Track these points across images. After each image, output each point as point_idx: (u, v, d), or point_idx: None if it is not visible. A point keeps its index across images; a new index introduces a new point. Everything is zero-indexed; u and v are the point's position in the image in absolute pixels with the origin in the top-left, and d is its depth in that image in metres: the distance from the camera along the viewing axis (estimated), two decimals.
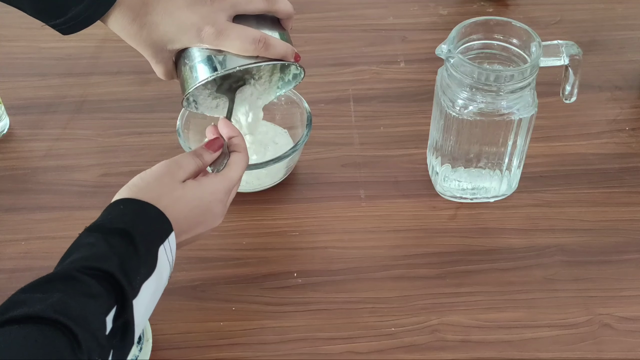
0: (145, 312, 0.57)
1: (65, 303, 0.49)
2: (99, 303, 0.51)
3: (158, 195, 0.60)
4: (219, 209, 0.65)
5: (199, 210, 0.63)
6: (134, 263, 0.55)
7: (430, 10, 1.11)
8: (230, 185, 0.66)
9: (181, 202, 0.61)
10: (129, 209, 0.58)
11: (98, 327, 0.50)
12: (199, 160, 0.65)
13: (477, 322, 0.71)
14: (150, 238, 0.57)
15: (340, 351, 0.69)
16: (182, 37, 0.65)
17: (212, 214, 0.64)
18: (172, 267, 0.60)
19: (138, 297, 0.54)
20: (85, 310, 0.50)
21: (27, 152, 0.90)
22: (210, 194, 0.64)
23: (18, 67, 1.03)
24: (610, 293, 0.73)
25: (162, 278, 0.59)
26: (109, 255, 0.54)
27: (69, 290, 0.51)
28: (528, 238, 0.79)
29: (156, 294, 0.58)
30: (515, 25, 0.74)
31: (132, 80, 0.99)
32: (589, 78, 0.95)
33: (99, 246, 0.54)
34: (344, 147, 0.89)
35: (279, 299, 0.73)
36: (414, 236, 0.79)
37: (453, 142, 0.77)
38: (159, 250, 0.58)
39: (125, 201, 0.59)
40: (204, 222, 0.64)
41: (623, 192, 0.83)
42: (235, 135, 0.69)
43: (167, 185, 0.62)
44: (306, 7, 1.11)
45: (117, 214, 0.58)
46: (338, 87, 0.98)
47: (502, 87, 0.71)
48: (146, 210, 0.59)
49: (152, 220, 0.58)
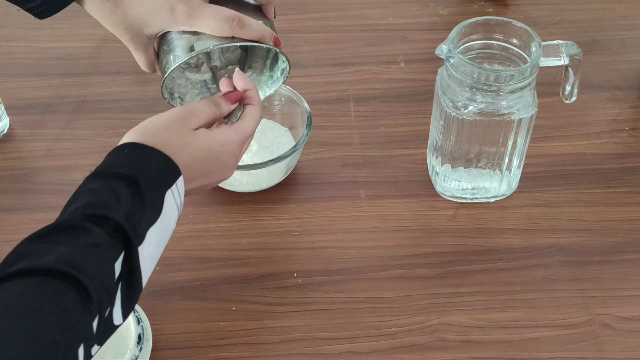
0: (151, 257, 0.55)
1: (72, 254, 0.48)
2: (106, 251, 0.50)
3: (165, 141, 0.59)
4: (231, 160, 0.64)
5: (208, 161, 0.61)
6: (138, 209, 0.54)
7: (430, 10, 1.11)
8: (243, 137, 0.64)
9: (189, 149, 0.60)
10: (134, 154, 0.57)
11: (106, 275, 0.50)
12: (215, 109, 0.64)
13: (477, 322, 0.71)
14: (155, 183, 0.56)
15: (340, 351, 0.69)
16: (155, 17, 0.65)
17: (222, 165, 0.63)
18: (180, 211, 0.59)
19: (143, 244, 0.53)
20: (92, 260, 0.49)
21: (27, 152, 0.90)
22: (221, 145, 0.62)
23: (18, 67, 1.03)
24: (610, 293, 0.73)
25: (170, 223, 0.57)
26: (114, 201, 0.53)
27: (75, 240, 0.50)
28: (528, 238, 0.79)
29: (163, 239, 0.57)
30: (515, 25, 0.74)
31: (132, 80, 0.99)
32: (589, 78, 0.95)
33: (102, 193, 0.53)
34: (344, 147, 0.89)
35: (279, 299, 0.73)
36: (414, 236, 0.79)
37: (453, 142, 0.77)
38: (165, 195, 0.56)
39: (130, 145, 0.57)
40: (213, 173, 0.63)
41: (623, 192, 0.83)
42: (250, 88, 0.67)
43: (177, 132, 0.60)
44: (306, 7, 1.11)
45: (121, 158, 0.57)
46: (338, 87, 0.98)
47: (502, 87, 0.71)
48: (152, 155, 0.57)
49: (158, 165, 0.57)
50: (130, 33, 0.66)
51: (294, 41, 1.04)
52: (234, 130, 0.64)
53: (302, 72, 0.99)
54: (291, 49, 1.03)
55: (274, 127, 0.88)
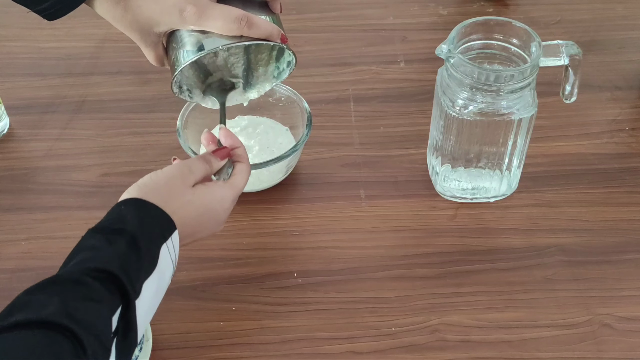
0: (147, 311, 0.57)
1: (70, 307, 0.49)
2: (104, 305, 0.51)
3: (167, 199, 0.61)
4: (224, 216, 0.66)
5: (206, 216, 0.64)
6: (135, 263, 0.55)
7: (430, 10, 1.11)
8: (237, 193, 0.67)
9: (191, 206, 0.62)
10: (132, 210, 0.59)
11: (103, 329, 0.51)
12: (207, 166, 0.66)
13: (477, 322, 0.71)
14: (151, 237, 0.58)
15: (340, 351, 0.69)
16: (165, 19, 0.66)
17: (215, 221, 0.65)
18: (175, 266, 0.61)
19: (140, 298, 0.55)
20: (90, 313, 0.50)
21: (27, 152, 0.90)
22: (219, 201, 0.65)
23: (18, 67, 1.03)
24: (610, 293, 0.73)
25: (164, 277, 0.59)
26: (112, 256, 0.54)
27: (74, 293, 0.51)
28: (528, 238, 0.79)
29: (158, 293, 0.58)
30: (515, 25, 0.74)
31: (132, 80, 0.99)
32: (589, 78, 0.95)
33: (101, 248, 0.55)
34: (344, 147, 0.89)
35: (279, 299, 0.73)
36: (414, 236, 0.79)
37: (453, 142, 0.77)
38: (160, 249, 0.58)
39: (127, 202, 0.59)
40: (207, 228, 0.65)
41: (623, 192, 0.83)
42: (238, 147, 0.70)
43: (177, 189, 0.62)
44: (306, 7, 1.11)
45: (119, 214, 0.58)
46: (338, 87, 0.98)
47: (502, 87, 0.71)
48: (149, 210, 0.59)
49: (154, 220, 0.59)
50: (140, 33, 0.67)
51: (294, 41, 1.03)
52: (229, 186, 0.67)
53: (302, 72, 0.99)
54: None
55: (275, 126, 0.88)
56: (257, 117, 0.89)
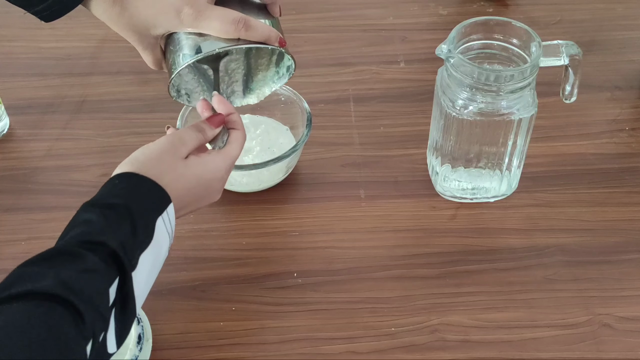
0: (145, 283, 0.57)
1: (67, 278, 0.49)
2: (101, 276, 0.52)
3: (160, 172, 0.60)
4: (219, 185, 0.66)
5: (200, 188, 0.64)
6: (131, 236, 0.55)
7: (430, 10, 1.11)
8: (231, 162, 0.67)
9: (183, 179, 0.62)
10: (126, 183, 0.59)
11: (101, 300, 0.51)
12: (201, 135, 0.66)
13: (477, 322, 0.71)
14: (146, 210, 0.58)
15: (340, 351, 0.69)
16: (162, 20, 0.65)
17: (211, 190, 0.66)
18: (172, 239, 0.61)
19: (137, 269, 0.55)
20: (87, 284, 0.50)
21: (27, 152, 0.90)
22: (212, 172, 0.65)
23: (18, 67, 1.02)
24: (610, 293, 0.73)
25: (161, 249, 0.59)
26: (107, 229, 0.54)
27: (71, 265, 0.51)
28: (528, 238, 0.79)
29: (155, 266, 0.58)
30: (515, 25, 0.74)
31: (132, 80, 0.99)
32: (589, 78, 0.95)
33: (96, 221, 0.55)
34: (344, 147, 0.89)
35: (279, 299, 0.73)
36: (414, 236, 0.79)
37: (453, 142, 0.77)
38: (156, 222, 0.58)
39: (121, 176, 0.59)
40: (203, 198, 0.65)
41: (623, 192, 0.83)
42: (232, 113, 0.69)
43: (170, 162, 0.62)
44: (306, 7, 1.11)
45: (113, 188, 0.58)
46: (338, 87, 0.98)
47: (502, 87, 0.71)
48: (142, 183, 0.59)
49: (148, 193, 0.59)
50: (137, 34, 0.67)
51: (294, 41, 1.04)
52: (222, 156, 0.66)
53: (302, 72, 0.99)
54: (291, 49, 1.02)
55: (276, 126, 0.88)
56: (258, 116, 0.89)
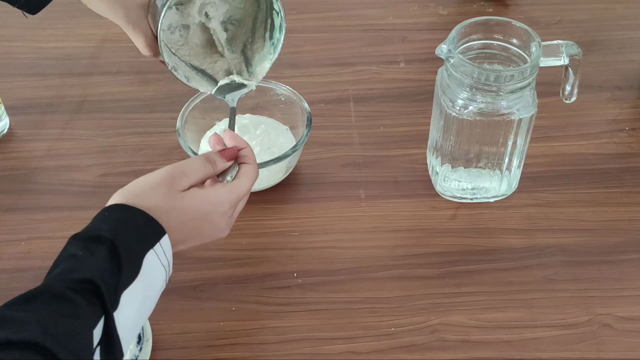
0: (133, 321, 0.54)
1: (49, 326, 0.47)
2: (84, 319, 0.49)
3: (152, 205, 0.57)
4: (222, 222, 0.62)
5: (198, 221, 0.60)
6: (114, 273, 0.52)
7: (430, 10, 1.11)
8: (237, 197, 0.62)
9: (176, 211, 0.58)
10: (114, 216, 0.55)
11: (84, 346, 0.49)
12: (209, 166, 0.62)
13: (477, 322, 0.71)
14: (133, 244, 0.54)
15: (340, 351, 0.69)
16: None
17: (213, 227, 0.61)
18: (169, 271, 0.58)
19: (119, 309, 0.52)
20: (70, 331, 0.48)
21: (27, 152, 0.90)
22: (212, 205, 0.60)
23: (18, 67, 1.03)
24: (610, 293, 0.73)
25: (153, 284, 0.56)
26: (92, 266, 0.51)
27: (54, 309, 0.49)
28: (528, 238, 0.79)
29: (146, 302, 0.55)
30: (515, 25, 0.74)
31: (132, 80, 0.99)
32: (589, 78, 0.95)
33: (81, 257, 0.52)
34: (344, 147, 0.89)
35: (279, 299, 0.73)
36: (414, 236, 0.79)
37: (453, 142, 0.77)
38: (145, 256, 0.55)
39: (111, 208, 0.56)
40: (206, 234, 0.61)
41: (623, 192, 0.83)
42: (245, 147, 0.66)
43: (164, 194, 0.58)
44: (306, 7, 1.11)
45: (101, 220, 0.55)
46: (338, 87, 0.98)
47: (502, 87, 0.71)
48: (132, 216, 0.55)
49: (138, 226, 0.55)
50: (124, 9, 0.67)
51: (294, 41, 1.04)
52: (228, 189, 0.62)
53: (302, 72, 0.99)
54: (291, 49, 1.03)
55: (276, 126, 0.88)
56: (258, 116, 0.89)
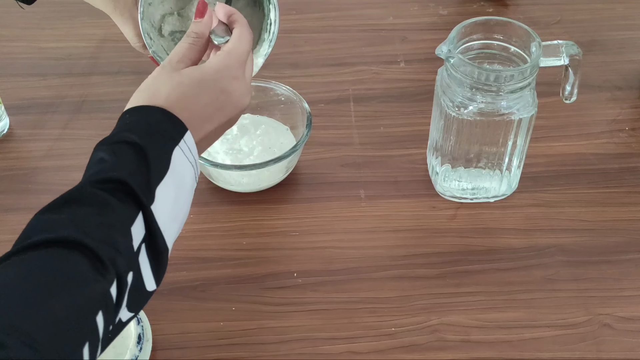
0: (170, 216, 0.54)
1: (82, 223, 0.48)
2: (117, 216, 0.50)
3: (156, 89, 0.57)
4: (235, 86, 0.60)
5: (208, 93, 0.59)
6: (142, 169, 0.53)
7: (430, 10, 1.11)
8: (239, 58, 0.61)
9: (181, 87, 0.58)
10: (134, 117, 0.56)
11: (122, 239, 0.49)
12: (192, 39, 0.61)
13: (477, 322, 0.71)
14: (158, 141, 0.54)
15: (340, 351, 0.69)
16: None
17: (227, 94, 0.60)
18: (196, 169, 0.57)
19: (155, 203, 0.52)
20: (105, 227, 0.49)
21: (27, 152, 0.90)
22: (216, 71, 0.59)
23: (18, 67, 1.03)
24: (610, 293, 0.73)
25: (184, 181, 0.56)
26: (118, 166, 0.52)
27: (86, 209, 0.50)
28: (528, 238, 0.79)
29: (180, 197, 0.55)
30: (515, 25, 0.74)
31: (132, 81, 0.99)
32: (589, 78, 0.95)
33: (108, 160, 0.53)
34: (344, 147, 0.89)
35: (279, 299, 0.73)
36: (414, 236, 0.79)
37: (453, 142, 0.77)
38: (173, 152, 0.55)
39: (130, 110, 0.57)
40: (223, 105, 0.60)
41: (623, 192, 0.83)
42: (233, 13, 0.65)
43: (164, 76, 0.58)
44: (306, 7, 1.11)
45: (123, 123, 0.56)
46: (338, 87, 0.98)
47: (502, 87, 0.71)
48: (152, 113, 0.56)
49: (159, 123, 0.55)
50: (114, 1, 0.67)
51: (294, 41, 1.04)
52: (224, 53, 0.61)
53: (302, 72, 0.99)
54: (291, 49, 1.03)
55: (277, 126, 0.88)
56: (258, 116, 0.89)
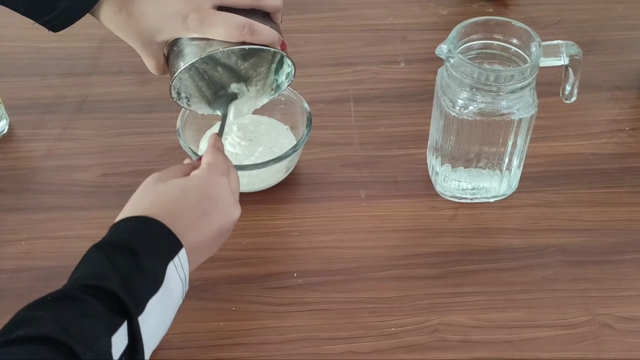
0: (155, 330, 0.55)
1: (66, 323, 0.49)
2: (102, 322, 0.50)
3: (141, 200, 0.60)
4: (220, 193, 0.63)
5: (192, 198, 0.61)
6: (137, 279, 0.54)
7: (430, 10, 1.11)
8: (218, 169, 0.65)
9: (166, 194, 0.61)
10: (134, 225, 0.58)
11: (103, 346, 0.50)
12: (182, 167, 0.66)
13: (477, 322, 0.71)
14: (155, 253, 0.56)
15: (340, 351, 0.69)
16: (167, 26, 0.66)
17: (213, 201, 0.62)
18: (185, 285, 0.59)
19: (144, 314, 0.53)
20: (87, 329, 0.49)
21: (27, 152, 0.90)
22: (199, 179, 0.63)
23: (18, 67, 1.03)
24: (610, 293, 0.73)
25: (173, 296, 0.57)
26: (110, 273, 0.53)
27: (70, 309, 0.50)
28: (528, 238, 0.79)
29: (167, 313, 0.57)
30: (515, 25, 0.74)
31: (132, 80, 0.99)
32: (589, 78, 0.95)
33: (100, 264, 0.54)
34: (344, 147, 0.89)
35: (279, 299, 0.73)
36: (414, 236, 0.79)
37: (453, 142, 0.77)
38: (167, 267, 0.56)
39: (132, 219, 0.58)
40: (209, 211, 0.62)
41: (623, 192, 0.83)
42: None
43: (150, 187, 0.62)
44: (306, 7, 1.11)
45: (121, 230, 0.57)
46: (338, 87, 0.98)
47: (502, 87, 0.71)
48: (152, 226, 0.58)
49: (158, 236, 0.58)
50: (142, 41, 0.67)
51: (294, 41, 1.04)
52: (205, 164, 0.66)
53: (302, 72, 0.99)
54: (291, 49, 1.02)
55: (277, 125, 0.88)
56: (258, 116, 0.89)
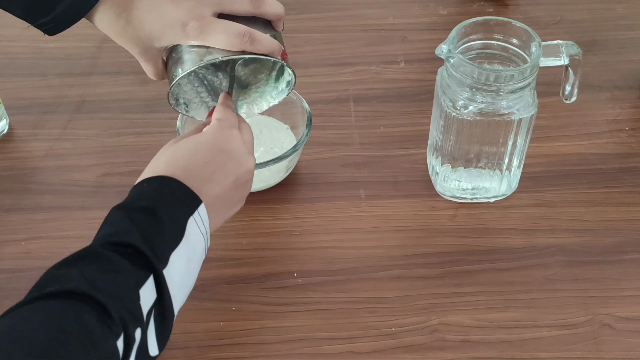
0: (181, 283, 0.57)
1: (92, 277, 0.50)
2: (128, 277, 0.52)
3: (156, 163, 0.63)
4: (233, 145, 0.65)
5: (205, 154, 0.63)
6: (158, 235, 0.56)
7: (430, 10, 1.11)
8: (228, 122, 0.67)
9: (178, 152, 0.63)
10: (151, 186, 0.60)
11: (130, 298, 0.51)
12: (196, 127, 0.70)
13: (477, 322, 0.71)
14: (173, 210, 0.58)
15: (340, 351, 0.69)
16: (167, 33, 0.66)
17: (227, 153, 0.64)
18: (207, 240, 0.61)
19: (169, 267, 0.55)
20: (113, 283, 0.51)
21: (27, 152, 0.90)
22: (211, 135, 0.65)
23: (18, 67, 1.03)
24: (610, 293, 0.73)
25: (196, 249, 0.59)
26: (131, 229, 0.55)
27: (98, 266, 0.52)
28: (528, 238, 0.79)
29: (191, 266, 0.59)
30: (515, 25, 0.74)
31: (132, 81, 0.99)
32: (589, 78, 0.95)
33: (121, 221, 0.56)
34: (344, 147, 0.89)
35: (279, 299, 0.73)
36: (414, 236, 0.79)
37: (453, 142, 0.77)
38: (187, 222, 0.58)
39: (149, 179, 0.61)
40: (224, 164, 0.64)
41: (623, 192, 0.83)
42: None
43: (163, 150, 0.65)
44: (306, 7, 1.11)
45: (140, 191, 0.60)
46: (338, 87, 0.98)
47: (502, 87, 0.71)
48: (168, 184, 0.60)
49: (175, 193, 0.59)
50: (141, 47, 0.67)
51: (294, 41, 1.04)
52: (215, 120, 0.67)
53: (302, 72, 0.99)
54: (291, 49, 1.02)
55: (278, 125, 0.88)
56: (258, 116, 0.88)
